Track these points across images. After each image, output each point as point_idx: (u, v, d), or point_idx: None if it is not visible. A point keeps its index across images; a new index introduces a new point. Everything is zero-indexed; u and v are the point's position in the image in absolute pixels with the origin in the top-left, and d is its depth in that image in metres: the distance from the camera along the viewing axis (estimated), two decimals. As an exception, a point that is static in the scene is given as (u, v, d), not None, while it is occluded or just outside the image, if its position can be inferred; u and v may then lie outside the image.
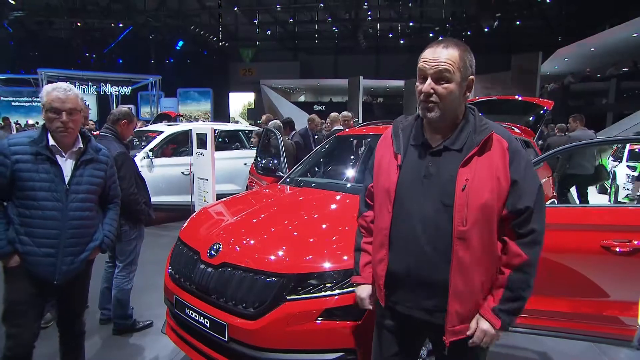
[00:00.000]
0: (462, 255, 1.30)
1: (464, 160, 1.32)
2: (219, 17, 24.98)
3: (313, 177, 3.58)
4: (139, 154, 6.09)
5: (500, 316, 1.33)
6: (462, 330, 1.35)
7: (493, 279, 1.37)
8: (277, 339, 1.91)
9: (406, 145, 1.46)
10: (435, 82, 1.33)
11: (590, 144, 4.87)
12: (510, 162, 1.33)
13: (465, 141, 1.36)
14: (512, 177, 1.32)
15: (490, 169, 1.31)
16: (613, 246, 2.17)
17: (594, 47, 15.10)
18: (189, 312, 2.17)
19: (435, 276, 1.34)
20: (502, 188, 1.31)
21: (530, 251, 1.32)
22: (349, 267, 1.95)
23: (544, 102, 4.79)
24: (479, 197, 1.29)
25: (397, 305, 1.45)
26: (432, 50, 1.34)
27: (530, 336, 2.63)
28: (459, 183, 1.30)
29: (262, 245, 2.20)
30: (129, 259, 3.01)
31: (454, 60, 1.32)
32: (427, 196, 1.35)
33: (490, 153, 1.33)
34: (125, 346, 2.93)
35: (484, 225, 1.30)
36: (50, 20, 21.60)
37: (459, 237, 1.29)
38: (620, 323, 2.29)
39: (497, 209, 1.31)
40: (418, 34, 23.66)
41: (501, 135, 1.36)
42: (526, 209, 1.32)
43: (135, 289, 3.08)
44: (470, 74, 1.37)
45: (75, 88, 2.09)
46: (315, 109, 21.77)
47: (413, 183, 1.39)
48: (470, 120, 1.40)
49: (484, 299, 1.37)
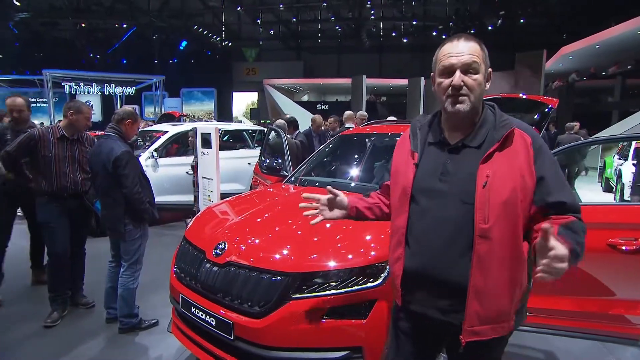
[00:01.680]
0: (484, 254, 1.26)
1: (485, 157, 1.29)
2: (222, 16, 25.03)
3: (317, 176, 3.59)
4: (144, 154, 6.11)
5: (567, 238, 1.16)
6: (482, 331, 1.30)
7: (520, 280, 1.32)
8: (282, 337, 1.92)
9: (424, 143, 1.44)
10: (463, 72, 1.31)
11: (595, 142, 4.87)
12: (536, 158, 1.30)
13: (485, 138, 1.34)
14: (538, 173, 1.29)
15: (511, 165, 1.28)
16: (619, 244, 2.17)
17: (598, 45, 15.01)
18: (194, 310, 2.18)
19: (453, 275, 1.30)
20: (527, 185, 1.28)
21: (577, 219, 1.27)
22: (353, 265, 1.96)
23: (548, 100, 4.73)
24: (501, 194, 1.26)
25: (411, 305, 1.42)
26: (453, 45, 1.33)
27: (536, 335, 2.62)
28: (480, 180, 1.27)
29: (267, 244, 2.20)
30: (133, 258, 3.03)
31: (478, 53, 1.32)
32: (445, 194, 1.33)
33: (511, 149, 1.30)
34: (131, 345, 2.95)
35: (506, 223, 1.26)
36: (55, 22, 21.73)
37: (481, 235, 1.26)
38: (626, 322, 2.28)
39: (521, 207, 1.27)
40: (421, 32, 23.59)
41: (524, 131, 1.33)
42: (558, 204, 1.27)
43: (141, 288, 3.10)
44: (489, 66, 1.37)
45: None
46: (318, 108, 21.77)
47: (431, 181, 1.36)
48: (489, 116, 1.38)
49: (509, 301, 1.30)
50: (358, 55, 26.67)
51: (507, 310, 1.31)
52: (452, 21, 22.16)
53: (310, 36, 27.44)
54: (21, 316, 3.34)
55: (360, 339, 1.90)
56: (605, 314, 2.32)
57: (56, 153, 3.16)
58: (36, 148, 3.13)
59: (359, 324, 1.89)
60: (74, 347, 2.90)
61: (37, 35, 23.19)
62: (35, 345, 2.94)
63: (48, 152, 3.14)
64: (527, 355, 2.88)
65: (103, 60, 24.55)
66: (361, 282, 1.94)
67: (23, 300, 3.64)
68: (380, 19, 24.10)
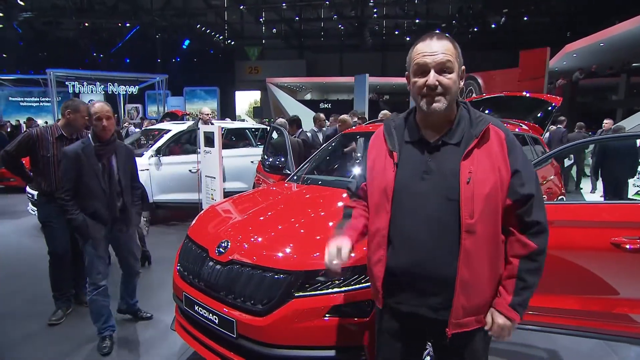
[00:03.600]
0: (470, 248, 1.29)
1: (465, 153, 1.32)
2: (224, 15, 25.05)
3: (320, 174, 3.59)
4: (147, 153, 6.13)
5: (517, 309, 1.34)
6: (466, 323, 1.35)
7: (499, 272, 1.38)
8: (285, 335, 1.92)
9: (400, 143, 1.44)
10: (438, 72, 1.32)
11: (598, 140, 4.85)
12: (509, 153, 1.34)
13: (463, 135, 1.36)
14: (512, 167, 1.33)
15: (490, 160, 1.32)
16: (623, 243, 2.15)
17: (602, 43, 14.93)
18: (197, 309, 2.19)
19: (441, 272, 1.32)
20: (503, 178, 1.32)
21: (539, 240, 1.34)
22: (356, 264, 1.95)
23: (552, 99, 4.74)
24: (483, 189, 1.29)
25: (401, 305, 1.42)
26: (427, 44, 1.33)
27: (540, 333, 2.62)
28: (463, 176, 1.30)
29: (270, 243, 2.21)
30: (87, 271, 2.80)
31: (452, 52, 1.33)
32: (429, 192, 1.34)
33: (488, 144, 1.34)
34: (134, 343, 2.97)
35: (489, 217, 1.31)
36: (58, 21, 21.80)
37: (467, 230, 1.28)
38: (630, 321, 2.27)
39: (500, 199, 1.33)
40: (424, 31, 23.31)
41: (497, 127, 1.38)
42: (529, 196, 1.33)
43: (144, 287, 3.12)
44: (462, 64, 1.38)
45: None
46: (321, 107, 21.75)
47: (412, 180, 1.37)
48: (464, 114, 1.40)
49: (492, 292, 1.37)
50: (361, 54, 26.65)
51: (489, 302, 1.38)
52: (455, 19, 22.11)
53: (313, 35, 27.44)
54: (26, 314, 3.36)
55: (363, 337, 1.90)
56: (609, 313, 2.31)
57: (54, 153, 3.11)
58: (35, 148, 3.10)
59: (361, 323, 1.89)
60: (78, 345, 2.91)
61: (40, 35, 23.30)
62: (39, 343, 2.96)
63: (46, 152, 3.11)
64: (532, 353, 2.87)
65: (106, 60, 24.64)
66: (364, 280, 1.94)
67: (27, 299, 3.66)
68: (383, 17, 24.09)
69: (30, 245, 4.09)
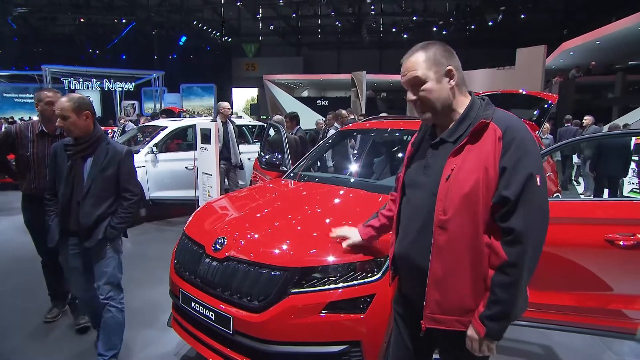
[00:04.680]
0: (442, 244, 1.31)
1: (454, 150, 1.34)
2: (221, 12, 24.93)
3: (317, 171, 3.59)
4: (143, 149, 6.11)
5: (485, 323, 1.26)
6: (445, 321, 1.34)
7: (483, 274, 1.30)
8: (282, 331, 1.93)
9: (421, 138, 1.54)
10: (412, 90, 1.40)
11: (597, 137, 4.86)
12: (504, 152, 1.26)
13: (464, 132, 1.36)
14: (501, 165, 1.26)
15: (478, 158, 1.28)
16: (617, 240, 2.17)
17: (599, 41, 14.96)
18: (194, 305, 2.19)
19: (419, 263, 1.39)
20: (490, 178, 1.26)
21: (511, 250, 1.23)
22: (352, 260, 1.96)
23: (548, 96, 4.75)
24: (462, 187, 1.27)
25: (402, 287, 1.56)
26: (403, 63, 1.42)
27: (534, 329, 2.64)
28: (445, 173, 1.33)
29: (267, 239, 2.21)
30: None
31: (418, 64, 1.37)
32: (423, 186, 1.42)
33: (481, 142, 1.30)
34: (130, 340, 2.96)
35: (466, 216, 1.28)
36: (54, 17, 21.63)
37: (440, 226, 1.32)
38: (624, 316, 2.29)
39: (483, 200, 1.27)
40: (422, 28, 23.51)
41: (500, 124, 1.30)
42: (507, 200, 1.23)
43: (141, 283, 3.11)
44: (445, 64, 1.36)
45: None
46: (318, 104, 21.71)
47: (416, 174, 1.47)
48: (473, 111, 1.37)
49: (474, 295, 1.31)
50: (358, 51, 26.60)
51: (471, 305, 1.31)
52: (453, 17, 22.09)
53: (310, 32, 27.35)
54: (22, 312, 3.35)
55: (359, 333, 1.91)
56: (603, 309, 2.33)
57: (34, 152, 2.87)
58: (14, 146, 2.88)
59: (357, 319, 1.90)
60: (74, 342, 2.91)
61: (36, 31, 23.12)
62: (36, 340, 2.96)
63: (25, 151, 2.87)
64: (526, 350, 2.89)
65: (102, 56, 24.48)
66: (360, 276, 1.95)
67: (25, 296, 3.65)
68: (381, 14, 24.03)
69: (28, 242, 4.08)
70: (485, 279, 1.30)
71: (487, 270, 1.29)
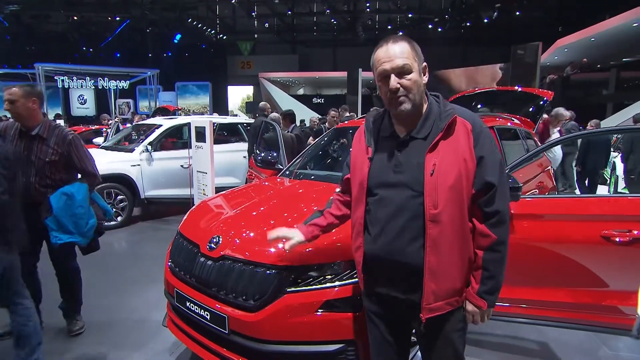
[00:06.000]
0: (436, 237, 1.37)
1: (430, 146, 1.39)
2: (216, 9, 24.80)
3: (312, 169, 3.57)
4: (138, 148, 6.07)
5: (484, 297, 1.43)
6: (438, 307, 1.42)
7: (469, 258, 1.44)
8: (277, 330, 1.91)
9: (376, 137, 1.54)
10: (398, 77, 1.40)
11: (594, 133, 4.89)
12: (475, 143, 1.40)
13: (431, 129, 1.43)
14: (477, 154, 1.39)
15: (456, 151, 1.38)
16: (613, 236, 2.18)
17: (593, 38, 15.01)
18: (189, 305, 2.18)
19: (410, 259, 1.40)
20: (469, 168, 1.38)
21: (498, 230, 1.41)
22: (349, 258, 1.95)
23: (543, 93, 4.77)
24: (447, 180, 1.36)
25: (378, 288, 1.53)
26: (384, 50, 1.41)
27: (530, 326, 2.64)
28: (427, 169, 1.37)
29: (262, 238, 2.19)
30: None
31: (408, 53, 1.40)
32: (398, 184, 1.42)
33: (455, 136, 1.40)
34: (125, 340, 2.94)
35: (454, 207, 1.37)
36: (47, 14, 21.40)
37: (432, 220, 1.36)
38: (620, 312, 2.29)
39: (466, 190, 1.39)
40: (417, 25, 23.50)
41: (465, 119, 1.43)
42: (491, 185, 1.38)
43: (135, 283, 3.09)
44: (422, 61, 1.45)
45: None
46: (314, 102, 21.67)
47: (384, 173, 1.46)
48: (434, 108, 1.46)
49: (462, 277, 1.44)
50: (354, 49, 26.53)
51: (459, 287, 1.45)
52: (448, 14, 22.09)
53: (305, 29, 27.25)
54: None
55: (355, 332, 1.90)
56: (598, 305, 2.34)
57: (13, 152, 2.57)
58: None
59: (353, 317, 1.89)
60: (69, 344, 2.89)
61: (28, 29, 22.84)
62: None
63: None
64: (522, 346, 2.90)
65: (96, 54, 24.26)
66: (355, 275, 1.93)
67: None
68: (376, 11, 23.99)
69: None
70: (470, 260, 1.45)
71: (472, 252, 1.44)
